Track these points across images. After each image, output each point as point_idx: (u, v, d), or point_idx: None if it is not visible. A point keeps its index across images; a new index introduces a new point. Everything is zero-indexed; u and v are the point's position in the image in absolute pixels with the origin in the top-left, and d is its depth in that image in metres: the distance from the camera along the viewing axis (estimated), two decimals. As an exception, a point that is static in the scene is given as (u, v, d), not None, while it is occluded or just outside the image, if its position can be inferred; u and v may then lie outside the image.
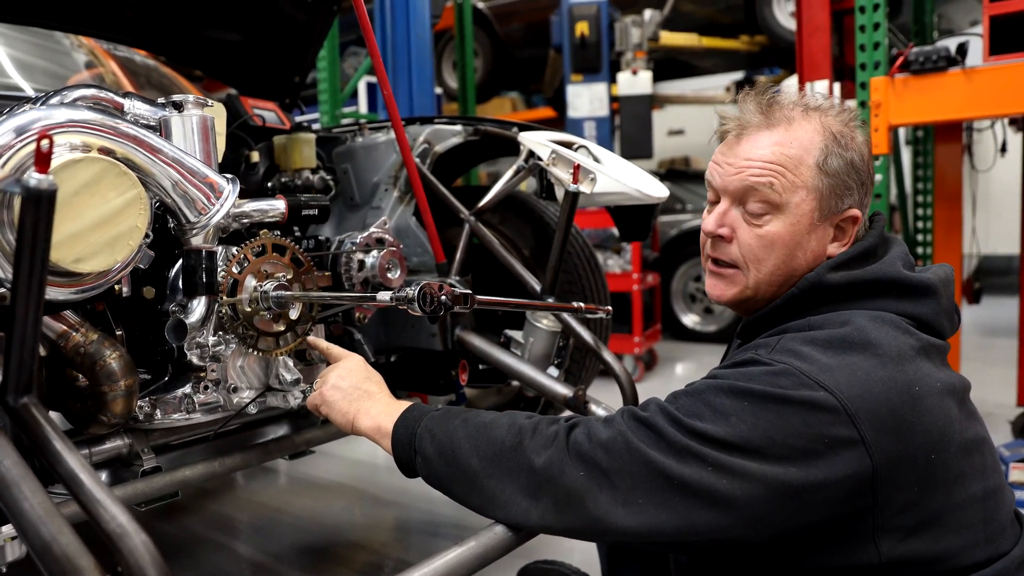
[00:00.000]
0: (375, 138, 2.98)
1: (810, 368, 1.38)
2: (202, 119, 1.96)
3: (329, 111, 6.28)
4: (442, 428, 1.66)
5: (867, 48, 4.10)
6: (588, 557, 2.63)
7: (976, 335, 7.92)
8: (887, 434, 1.34)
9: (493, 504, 1.58)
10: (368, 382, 1.86)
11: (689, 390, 1.50)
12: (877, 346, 1.41)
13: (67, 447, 1.27)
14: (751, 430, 1.36)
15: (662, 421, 1.44)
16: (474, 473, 1.59)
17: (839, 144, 1.57)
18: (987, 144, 6.35)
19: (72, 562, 1.06)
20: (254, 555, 3.48)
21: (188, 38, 3.50)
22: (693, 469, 1.38)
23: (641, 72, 7.49)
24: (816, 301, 1.56)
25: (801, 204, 1.57)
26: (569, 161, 2.47)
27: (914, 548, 1.38)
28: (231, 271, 2.02)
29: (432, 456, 1.64)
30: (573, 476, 1.47)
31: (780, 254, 1.60)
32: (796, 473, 1.33)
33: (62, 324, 1.80)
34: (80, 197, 1.52)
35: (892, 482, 1.35)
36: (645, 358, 6.84)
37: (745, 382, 1.41)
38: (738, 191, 1.62)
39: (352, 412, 1.80)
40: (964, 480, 1.42)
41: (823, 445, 1.33)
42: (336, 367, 1.91)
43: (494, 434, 1.60)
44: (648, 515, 1.41)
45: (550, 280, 2.51)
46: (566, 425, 1.56)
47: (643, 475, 1.41)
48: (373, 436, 1.76)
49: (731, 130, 1.66)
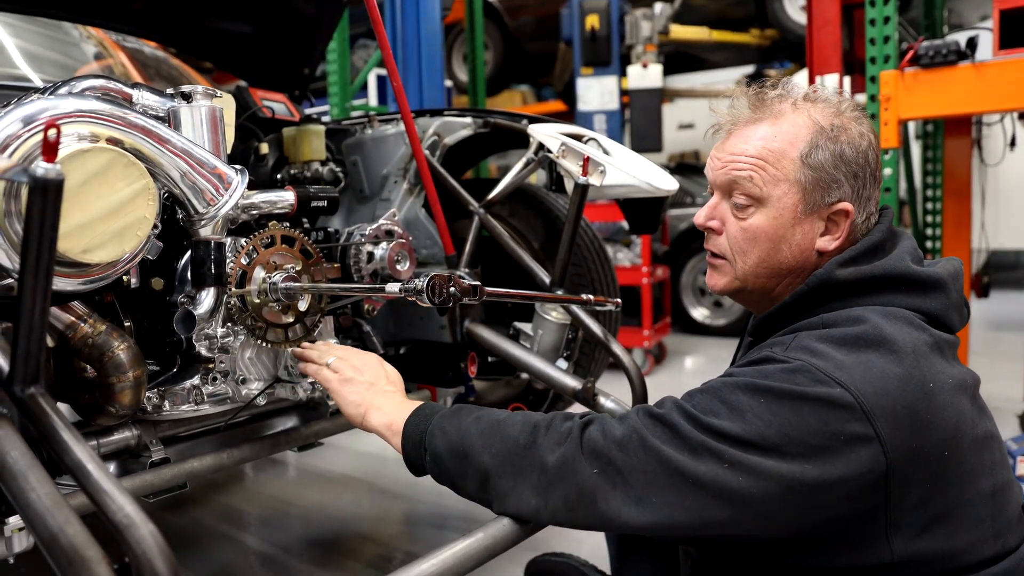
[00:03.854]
0: (384, 130, 2.97)
1: (826, 365, 1.38)
2: (211, 110, 1.95)
3: (339, 103, 6.26)
4: (454, 425, 1.66)
5: (877, 42, 4.08)
6: (597, 550, 2.63)
7: (984, 329, 7.89)
8: (902, 431, 1.34)
9: (505, 501, 1.58)
10: (384, 379, 1.87)
11: (705, 388, 1.50)
12: (892, 343, 1.40)
13: (74, 438, 1.27)
14: (767, 427, 1.36)
15: (678, 418, 1.44)
16: (486, 470, 1.59)
17: (827, 136, 1.56)
18: (996, 138, 6.33)
19: (79, 553, 1.06)
20: (262, 547, 3.48)
21: (198, 29, 3.50)
22: (709, 466, 1.37)
23: (651, 66, 7.46)
24: (826, 297, 1.55)
25: (783, 197, 1.57)
26: (579, 153, 2.46)
27: (926, 545, 1.38)
28: (240, 262, 2.01)
29: (443, 453, 1.65)
30: (586, 474, 1.48)
31: (764, 246, 1.61)
32: (812, 471, 1.33)
33: (70, 315, 1.80)
34: (88, 187, 1.52)
35: (906, 479, 1.35)
36: (655, 351, 6.84)
37: (762, 379, 1.41)
38: (724, 184, 1.65)
39: (364, 406, 1.80)
40: (975, 476, 1.42)
41: (839, 442, 1.33)
42: (350, 358, 1.92)
43: (507, 431, 1.60)
44: (662, 512, 1.41)
45: (559, 273, 2.50)
46: (580, 422, 1.56)
47: (658, 472, 1.41)
48: (383, 433, 1.77)
49: (724, 125, 1.70)
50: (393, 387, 1.87)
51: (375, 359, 1.93)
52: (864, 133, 1.61)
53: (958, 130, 5.29)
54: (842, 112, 1.61)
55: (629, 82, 7.53)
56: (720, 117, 1.71)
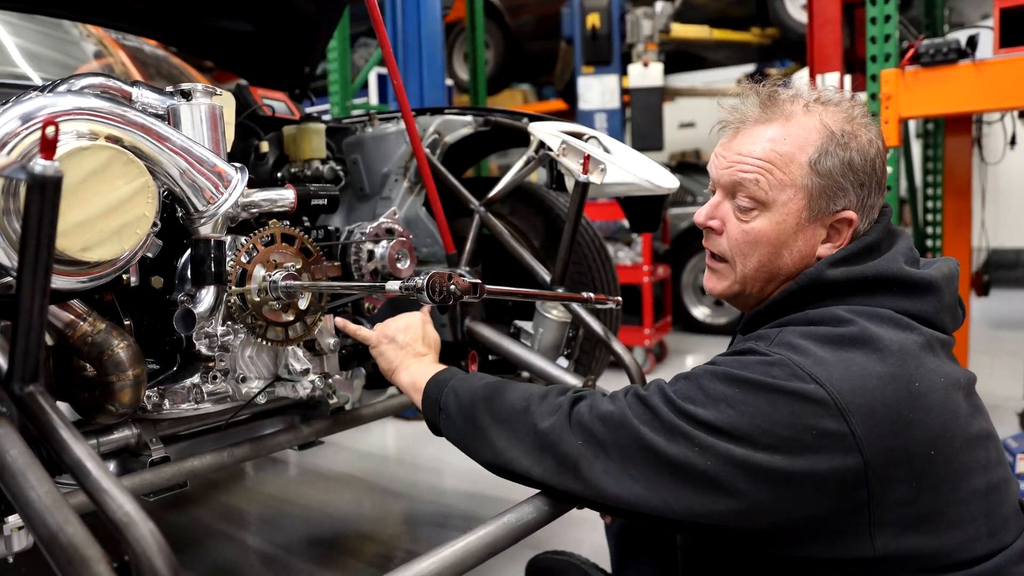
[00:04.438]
0: (385, 128, 2.97)
1: (804, 361, 1.39)
2: (211, 108, 1.95)
3: (339, 102, 6.25)
4: (465, 388, 1.82)
5: (878, 40, 4.08)
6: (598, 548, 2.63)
7: (985, 328, 7.90)
8: (881, 429, 1.34)
9: (502, 459, 1.69)
10: (421, 343, 2.08)
11: (688, 374, 1.54)
12: (878, 342, 1.40)
13: (74, 436, 1.26)
14: (740, 416, 1.39)
15: (658, 401, 1.49)
16: (485, 430, 1.72)
17: (837, 143, 1.54)
18: (996, 137, 6.33)
19: (79, 552, 1.06)
20: (262, 546, 3.48)
21: (198, 28, 3.50)
22: (680, 448, 1.43)
23: (652, 64, 7.46)
24: (815, 297, 1.55)
25: (788, 203, 1.56)
26: (579, 152, 2.45)
27: (911, 543, 1.38)
28: (240, 260, 2.01)
29: (453, 413, 1.80)
30: (572, 443, 1.57)
31: (765, 251, 1.60)
32: (781, 461, 1.35)
33: (69, 313, 1.79)
34: (87, 185, 1.52)
35: (887, 477, 1.35)
36: (655, 350, 6.84)
37: (740, 370, 1.44)
38: (728, 185, 1.63)
39: (396, 363, 2.03)
40: (967, 475, 1.42)
41: (811, 436, 1.34)
42: (399, 319, 2.12)
43: (508, 396, 1.73)
44: (638, 487, 1.47)
45: (560, 271, 2.49)
46: (572, 396, 1.65)
47: (634, 449, 1.48)
48: (407, 390, 1.98)
49: (732, 122, 1.67)
50: (427, 349, 2.07)
51: (418, 320, 2.12)
52: (873, 140, 1.59)
53: (958, 128, 5.29)
54: (854, 118, 1.59)
55: (630, 81, 7.53)
56: (728, 113, 1.68)
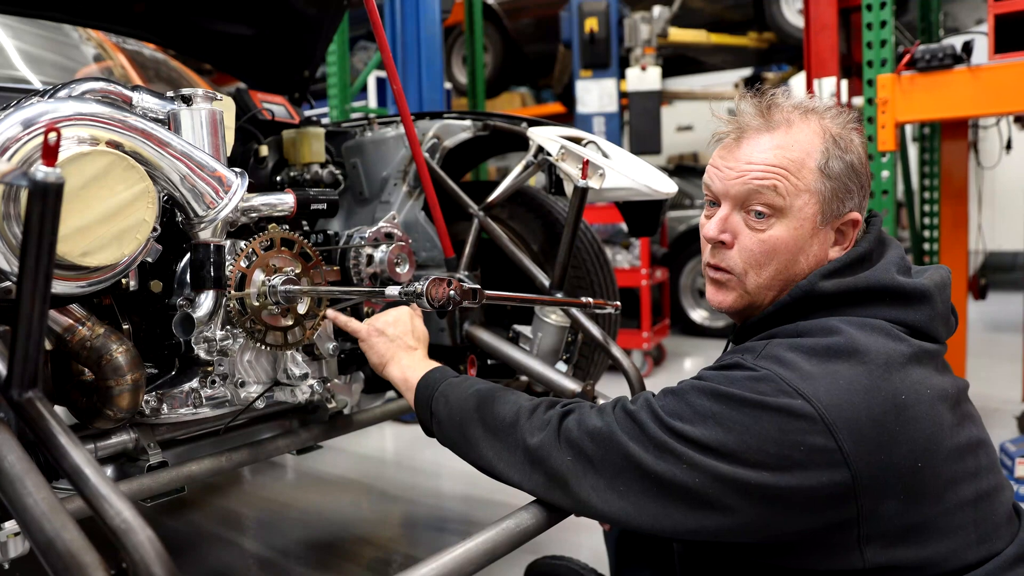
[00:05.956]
0: (384, 133, 2.97)
1: (791, 375, 1.39)
2: (211, 113, 1.95)
3: (339, 106, 6.25)
4: (456, 394, 1.82)
5: (874, 45, 4.09)
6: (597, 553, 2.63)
7: (982, 331, 7.91)
8: (868, 444, 1.34)
9: (493, 472, 1.72)
10: (411, 336, 2.08)
11: (675, 389, 1.52)
12: (864, 354, 1.40)
13: (72, 442, 1.26)
14: (727, 433, 1.38)
15: (646, 416, 1.49)
16: (477, 441, 1.73)
17: (839, 147, 1.56)
18: (992, 141, 6.37)
19: (76, 558, 1.06)
20: (261, 551, 3.48)
21: (198, 32, 3.50)
22: (668, 465, 1.42)
23: (650, 68, 7.47)
24: (808, 309, 1.54)
25: (804, 208, 1.55)
26: (578, 156, 2.45)
27: (900, 555, 1.38)
28: (239, 265, 2.01)
29: (444, 420, 1.81)
30: (561, 460, 1.57)
31: (782, 259, 1.58)
32: (769, 478, 1.35)
33: (68, 318, 1.79)
34: (88, 190, 1.52)
35: (877, 492, 1.35)
36: (654, 353, 6.84)
37: (726, 386, 1.43)
38: (740, 195, 1.59)
39: (387, 357, 2.03)
40: (954, 485, 1.42)
41: (799, 452, 1.34)
42: (388, 313, 2.13)
43: (497, 409, 1.73)
44: (626, 503, 1.48)
45: (559, 275, 2.49)
46: (561, 411, 1.64)
47: (623, 466, 1.48)
48: (399, 385, 1.99)
49: (729, 132, 1.64)
50: (417, 343, 2.08)
51: (407, 314, 2.13)
52: (863, 142, 1.62)
53: (955, 133, 5.31)
54: (846, 122, 1.60)
55: (628, 84, 7.54)
56: (724, 124, 1.65)
